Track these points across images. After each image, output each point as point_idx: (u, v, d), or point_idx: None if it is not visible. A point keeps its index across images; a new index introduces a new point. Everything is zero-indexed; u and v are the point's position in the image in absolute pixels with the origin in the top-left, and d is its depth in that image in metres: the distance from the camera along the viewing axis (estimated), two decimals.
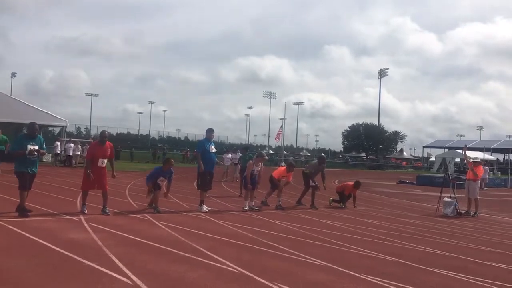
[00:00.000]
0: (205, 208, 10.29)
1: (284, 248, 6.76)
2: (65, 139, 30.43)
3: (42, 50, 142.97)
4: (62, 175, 19.47)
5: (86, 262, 5.32)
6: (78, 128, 74.64)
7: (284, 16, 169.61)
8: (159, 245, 6.47)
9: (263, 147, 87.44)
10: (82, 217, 8.44)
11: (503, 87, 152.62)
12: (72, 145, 27.19)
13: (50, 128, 41.99)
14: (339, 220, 10.41)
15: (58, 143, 27.61)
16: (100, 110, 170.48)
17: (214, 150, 10.57)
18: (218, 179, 20.34)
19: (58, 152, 27.43)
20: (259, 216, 10.30)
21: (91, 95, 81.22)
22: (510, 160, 69.66)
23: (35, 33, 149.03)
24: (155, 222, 8.54)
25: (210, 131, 10.87)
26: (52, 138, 32.76)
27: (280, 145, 64.18)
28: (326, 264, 5.96)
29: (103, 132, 9.60)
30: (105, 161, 9.15)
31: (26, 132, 8.84)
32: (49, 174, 18.44)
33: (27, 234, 6.71)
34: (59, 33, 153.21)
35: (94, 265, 5.18)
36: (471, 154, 30.51)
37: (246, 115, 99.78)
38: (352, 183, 13.40)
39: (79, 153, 26.88)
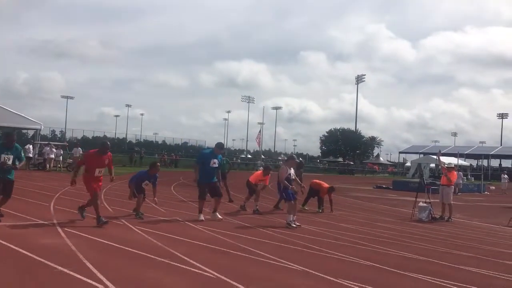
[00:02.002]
0: (201, 217, 9.86)
1: (262, 253, 6.75)
2: (41, 142, 29.87)
3: (16, 52, 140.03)
4: (35, 179, 19.07)
5: (59, 267, 5.20)
6: (53, 131, 73.04)
7: (262, 22, 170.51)
8: (134, 250, 6.38)
9: (241, 151, 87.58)
10: (55, 222, 8.27)
11: (474, 94, 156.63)
12: (48, 148, 26.70)
13: (24, 131, 41.14)
14: (317, 225, 10.46)
15: (31, 146, 27.05)
16: (76, 113, 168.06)
17: (215, 165, 10.10)
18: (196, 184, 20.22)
19: (31, 155, 26.86)
20: (237, 221, 10.27)
21: (67, 97, 79.78)
22: (483, 166, 71.38)
23: (9, 35, 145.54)
24: (131, 227, 8.43)
25: (218, 147, 10.41)
26: (26, 141, 32.10)
27: (258, 149, 64.37)
28: (304, 269, 5.96)
29: (106, 144, 8.92)
30: (102, 170, 8.70)
31: (2, 141, 8.54)
32: (23, 178, 18.00)
33: None
34: (34, 35, 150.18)
35: (67, 271, 5.07)
36: (445, 159, 31.09)
37: (225, 119, 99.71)
38: (327, 186, 13.44)
39: (53, 156, 26.39)
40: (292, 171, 10.33)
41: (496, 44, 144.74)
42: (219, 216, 9.95)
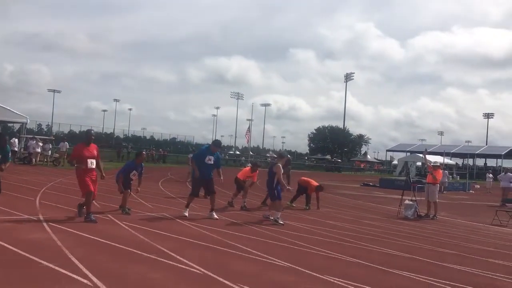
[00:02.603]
0: (186, 213, 9.79)
1: (249, 250, 6.77)
2: (26, 136, 29.55)
3: (2, 44, 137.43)
4: (21, 173, 18.85)
5: (45, 263, 5.16)
6: (39, 125, 72.22)
7: (253, 18, 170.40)
8: (121, 246, 6.36)
9: (229, 147, 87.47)
10: (41, 217, 8.20)
11: (461, 94, 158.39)
12: (34, 142, 26.41)
13: (10, 125, 40.65)
14: (303, 222, 10.51)
15: (16, 140, 26.75)
16: (63, 107, 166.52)
17: (211, 162, 10.00)
18: (183, 179, 20.18)
19: (16, 149, 26.53)
20: (224, 217, 10.27)
21: (53, 91, 78.83)
22: (469, 165, 72.21)
23: None
24: (118, 222, 8.40)
25: (215, 144, 10.33)
26: (11, 135, 31.73)
27: (246, 146, 64.36)
28: (290, 265, 6.00)
29: (89, 132, 8.90)
30: (94, 161, 8.54)
31: None
32: (8, 172, 17.79)
33: None
34: (21, 27, 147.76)
35: (53, 266, 5.04)
36: (432, 158, 31.42)
37: (213, 115, 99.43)
38: (316, 184, 13.53)
39: (39, 150, 26.12)
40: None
41: (483, 45, 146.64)
42: (216, 216, 9.86)
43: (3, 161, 8.16)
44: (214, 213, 9.89)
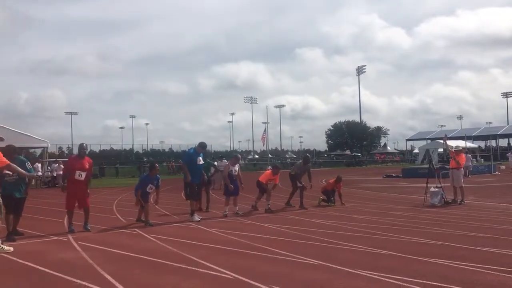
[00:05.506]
0: (196, 217, 10.24)
1: (277, 251, 6.75)
2: (49, 159, 30.04)
3: (15, 73, 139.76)
4: (47, 196, 19.18)
5: (78, 281, 5.22)
6: (60, 148, 73.44)
7: (256, 22, 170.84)
8: (151, 258, 6.40)
9: (248, 152, 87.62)
10: (70, 237, 8.32)
11: (474, 76, 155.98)
12: (57, 165, 26.89)
13: (31, 150, 41.36)
14: (329, 218, 10.44)
15: (39, 165, 27.22)
16: (81, 128, 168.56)
17: (201, 162, 10.47)
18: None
19: (40, 174, 26.99)
20: (249, 220, 10.27)
21: (71, 113, 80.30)
22: (492, 146, 70.91)
23: (7, 56, 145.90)
24: (145, 235, 8.46)
25: (200, 146, 10.62)
26: (34, 160, 32.27)
27: (265, 149, 64.34)
28: (320, 262, 5.96)
29: (81, 145, 9.32)
30: (84, 174, 8.89)
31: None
32: (34, 196, 18.11)
33: (14, 258, 6.57)
34: (31, 54, 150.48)
35: (86, 283, 5.10)
36: (453, 143, 30.90)
37: (229, 122, 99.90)
38: (334, 179, 13.56)
39: (62, 172, 26.54)
40: (236, 167, 11.64)
41: (490, 25, 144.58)
42: (197, 218, 10.22)
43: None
44: (195, 216, 10.30)
